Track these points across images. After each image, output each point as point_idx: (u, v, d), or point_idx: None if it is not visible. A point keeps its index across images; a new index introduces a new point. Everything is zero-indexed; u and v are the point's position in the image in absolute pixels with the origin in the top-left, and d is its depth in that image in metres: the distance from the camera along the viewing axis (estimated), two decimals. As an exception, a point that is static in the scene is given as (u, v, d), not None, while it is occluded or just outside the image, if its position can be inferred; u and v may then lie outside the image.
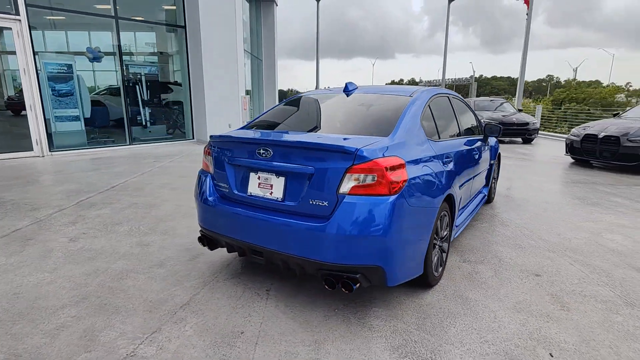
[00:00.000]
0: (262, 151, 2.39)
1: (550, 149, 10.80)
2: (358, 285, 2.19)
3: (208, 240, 2.77)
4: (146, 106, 9.89)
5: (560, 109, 24.60)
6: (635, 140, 6.99)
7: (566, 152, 8.31)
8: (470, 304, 2.55)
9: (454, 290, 2.74)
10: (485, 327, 2.30)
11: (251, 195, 2.48)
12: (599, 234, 3.92)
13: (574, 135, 8.04)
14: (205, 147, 2.87)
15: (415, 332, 2.24)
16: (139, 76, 9.65)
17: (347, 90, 3.20)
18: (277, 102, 18.78)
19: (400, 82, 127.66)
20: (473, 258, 3.28)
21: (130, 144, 9.57)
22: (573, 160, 8.47)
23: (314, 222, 2.18)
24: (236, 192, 2.56)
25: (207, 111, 9.88)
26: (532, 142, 12.27)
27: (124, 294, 2.62)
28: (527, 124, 11.76)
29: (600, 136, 7.42)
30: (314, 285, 2.77)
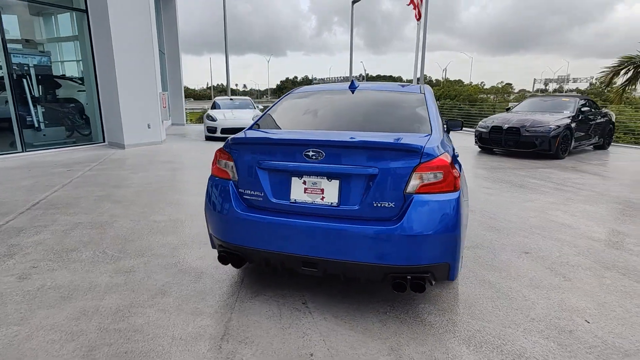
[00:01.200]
0: (311, 153, 2.18)
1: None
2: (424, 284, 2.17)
3: (234, 257, 2.44)
4: (38, 104, 8.19)
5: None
6: (531, 130, 8.35)
7: (475, 142, 9.50)
8: (496, 287, 2.73)
9: (474, 275, 2.91)
10: (522, 306, 2.49)
11: (296, 203, 2.25)
12: (544, 211, 4.58)
13: (482, 127, 9.24)
14: (219, 151, 2.51)
15: (472, 321, 2.32)
16: (26, 68, 7.92)
17: (353, 87, 3.12)
18: (183, 101, 17.37)
19: (295, 80, 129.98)
20: (467, 243, 3.53)
21: (23, 151, 7.84)
22: (480, 149, 9.72)
23: (381, 225, 2.08)
24: (274, 200, 2.29)
25: (122, 110, 8.63)
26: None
27: (141, 335, 2.15)
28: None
29: (504, 127, 8.67)
30: (344, 290, 2.65)
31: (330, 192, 2.20)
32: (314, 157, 2.18)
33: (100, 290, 2.62)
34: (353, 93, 3.09)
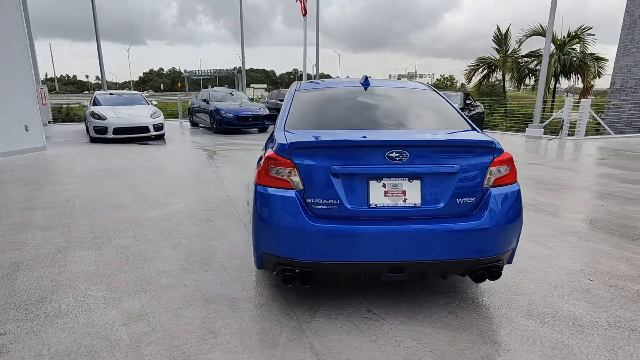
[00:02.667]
0: (395, 154, 2.09)
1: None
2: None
3: (304, 275, 2.19)
4: None
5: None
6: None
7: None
8: (519, 262, 3.06)
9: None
10: (540, 277, 2.87)
11: (376, 207, 2.14)
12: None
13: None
14: (272, 158, 2.19)
15: (517, 297, 2.58)
16: None
17: (367, 83, 3.06)
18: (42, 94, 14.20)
19: (160, 72, 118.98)
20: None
21: None
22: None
23: (464, 221, 2.15)
24: (350, 207, 2.13)
25: (-13, 110, 6.63)
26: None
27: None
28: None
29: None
30: (393, 290, 2.65)
31: (412, 193, 2.15)
32: (397, 159, 2.10)
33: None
34: (366, 90, 3.04)
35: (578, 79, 13.18)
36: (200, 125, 13.93)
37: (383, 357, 1.99)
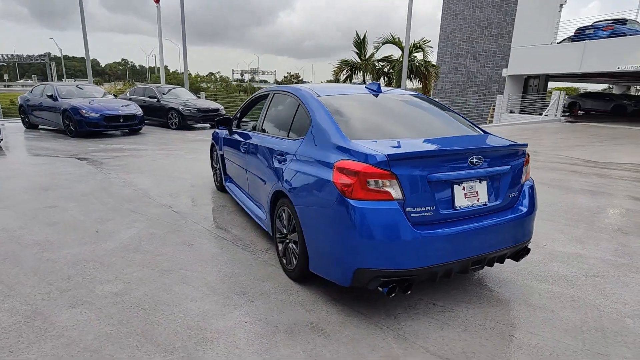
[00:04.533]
0: (475, 160, 2.33)
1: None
2: None
3: (405, 283, 2.24)
4: None
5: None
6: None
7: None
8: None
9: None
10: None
11: (460, 209, 2.35)
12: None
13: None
14: (370, 171, 2.14)
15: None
16: None
17: (379, 90, 3.17)
18: None
19: None
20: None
21: None
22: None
23: (515, 212, 2.57)
24: (442, 212, 2.29)
25: None
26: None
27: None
28: (218, 109, 12.97)
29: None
30: (433, 281, 2.92)
31: (482, 192, 2.44)
32: (476, 163, 2.34)
33: None
34: (378, 96, 3.16)
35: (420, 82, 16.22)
36: (42, 127, 11.14)
37: (487, 341, 2.23)
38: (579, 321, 2.43)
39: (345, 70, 17.53)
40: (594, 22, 17.64)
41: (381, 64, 17.42)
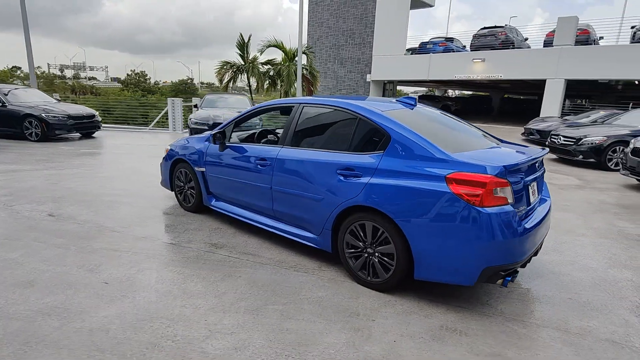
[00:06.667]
0: (537, 164, 2.89)
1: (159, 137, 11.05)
2: None
3: (515, 274, 2.63)
4: None
5: None
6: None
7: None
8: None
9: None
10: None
11: (531, 204, 2.87)
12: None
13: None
14: (495, 181, 2.44)
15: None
16: None
17: (415, 104, 3.44)
18: None
19: None
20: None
21: None
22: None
23: (543, 202, 3.24)
24: (527, 208, 2.76)
25: None
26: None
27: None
28: (94, 115, 10.91)
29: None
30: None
31: (535, 190, 3.02)
32: (538, 168, 2.90)
33: None
34: (421, 111, 3.44)
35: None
36: None
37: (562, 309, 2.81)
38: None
39: (230, 72, 16.93)
40: (431, 39, 21.61)
41: (266, 67, 17.50)
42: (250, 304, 2.67)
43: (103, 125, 11.93)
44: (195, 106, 10.94)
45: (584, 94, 26.43)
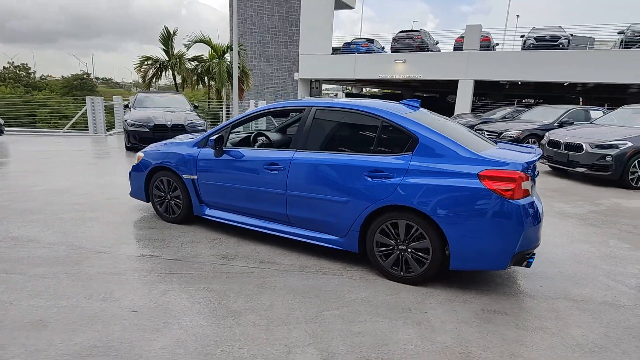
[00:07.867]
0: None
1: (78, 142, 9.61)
2: None
3: (532, 257, 3.01)
4: None
5: None
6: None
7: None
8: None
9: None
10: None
11: (535, 196, 3.29)
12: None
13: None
14: (522, 176, 2.77)
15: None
16: None
17: (419, 107, 3.66)
18: None
19: None
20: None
21: None
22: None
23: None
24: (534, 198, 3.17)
25: None
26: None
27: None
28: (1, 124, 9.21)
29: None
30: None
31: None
32: (535, 166, 3.34)
33: None
34: (426, 113, 3.67)
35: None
36: None
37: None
38: None
39: (153, 68, 15.52)
40: (354, 40, 22.54)
41: (193, 63, 16.40)
42: (305, 313, 2.62)
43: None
44: (127, 106, 9.90)
45: (478, 92, 30.12)
